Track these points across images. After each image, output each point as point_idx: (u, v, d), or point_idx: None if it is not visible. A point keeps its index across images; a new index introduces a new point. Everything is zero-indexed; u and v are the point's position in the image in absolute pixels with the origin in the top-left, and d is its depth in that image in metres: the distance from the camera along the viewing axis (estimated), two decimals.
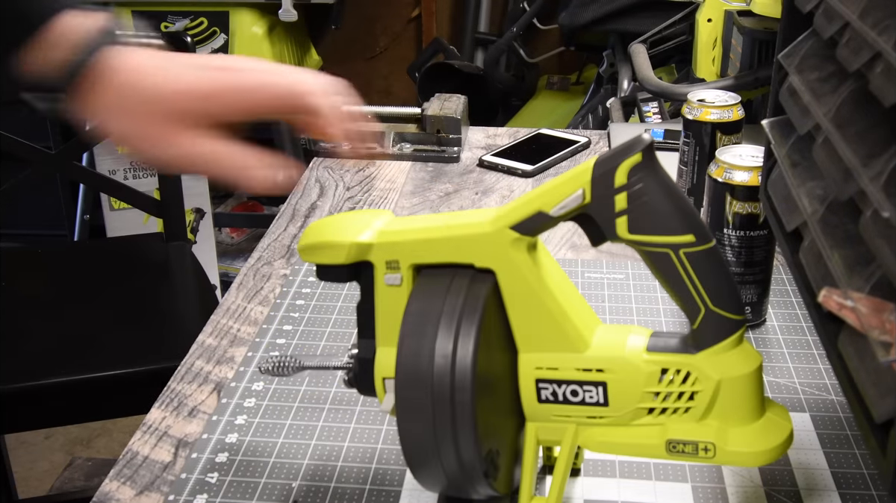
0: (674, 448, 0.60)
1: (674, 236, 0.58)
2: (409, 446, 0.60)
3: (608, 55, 2.27)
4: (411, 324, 0.60)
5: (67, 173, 1.64)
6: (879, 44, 0.46)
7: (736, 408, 0.59)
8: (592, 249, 1.02)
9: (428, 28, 3.10)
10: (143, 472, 0.71)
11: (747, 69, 1.37)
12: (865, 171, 0.46)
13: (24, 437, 2.11)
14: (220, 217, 2.65)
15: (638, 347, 0.61)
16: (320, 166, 1.28)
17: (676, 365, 0.59)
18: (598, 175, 0.58)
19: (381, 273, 0.63)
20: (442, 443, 0.59)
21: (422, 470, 0.61)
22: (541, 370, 0.61)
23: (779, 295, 0.93)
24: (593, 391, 0.61)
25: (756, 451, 0.59)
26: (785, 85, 0.65)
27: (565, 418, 0.62)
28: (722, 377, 0.59)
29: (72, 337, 1.37)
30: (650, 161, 0.58)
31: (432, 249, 0.62)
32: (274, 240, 1.07)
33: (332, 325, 0.89)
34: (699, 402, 0.59)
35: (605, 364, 0.60)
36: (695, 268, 0.58)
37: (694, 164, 0.99)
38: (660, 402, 0.60)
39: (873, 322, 0.45)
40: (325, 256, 0.63)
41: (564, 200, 0.59)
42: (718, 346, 0.59)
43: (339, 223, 0.65)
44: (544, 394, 0.62)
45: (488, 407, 0.60)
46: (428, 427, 0.59)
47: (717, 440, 0.59)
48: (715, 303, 0.58)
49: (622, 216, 0.58)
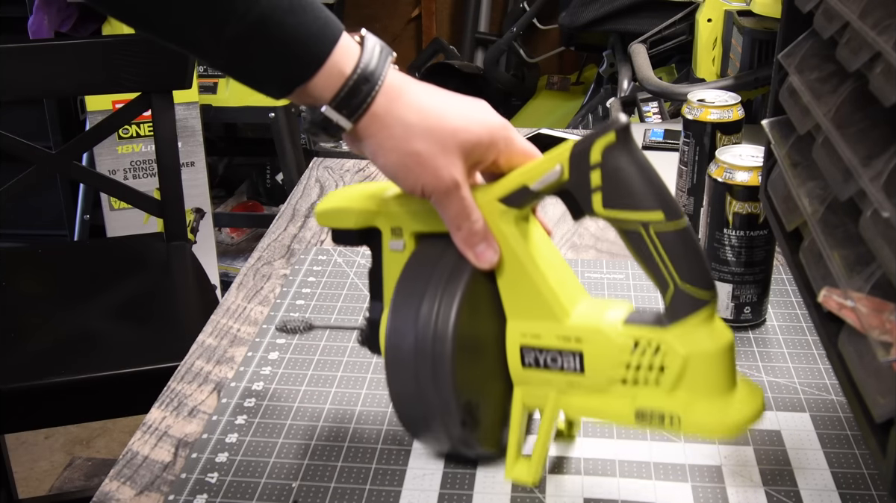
0: (642, 417, 0.63)
1: (644, 213, 0.60)
2: (396, 396, 0.66)
3: (608, 55, 2.27)
4: (403, 286, 0.65)
5: (67, 173, 1.63)
6: (879, 44, 0.46)
7: (704, 382, 0.62)
8: (592, 249, 1.03)
9: (428, 28, 3.11)
10: (143, 472, 0.71)
11: (747, 69, 1.37)
12: (865, 171, 0.47)
13: (24, 437, 2.11)
14: (220, 217, 2.65)
15: (615, 320, 0.64)
16: (320, 166, 1.28)
17: (648, 338, 0.62)
18: (576, 152, 0.62)
19: (386, 239, 0.68)
20: (424, 391, 0.64)
21: (407, 419, 0.67)
22: (525, 337, 0.65)
23: (779, 295, 0.93)
24: (571, 359, 0.64)
25: (720, 424, 0.61)
26: (785, 85, 0.65)
27: (546, 384, 0.66)
28: (690, 352, 0.61)
29: (72, 337, 1.37)
30: (624, 141, 0.61)
31: (431, 219, 0.66)
32: (274, 240, 1.07)
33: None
34: (668, 375, 0.62)
35: (582, 334, 0.64)
36: (664, 245, 0.60)
37: (694, 164, 0.99)
38: (632, 373, 0.63)
39: (873, 322, 0.45)
40: (338, 221, 0.69)
41: (544, 175, 0.63)
42: (687, 322, 0.61)
43: (356, 191, 0.70)
44: (527, 359, 0.66)
45: (471, 364, 0.65)
46: (411, 376, 0.64)
47: (682, 412, 0.62)
48: (683, 280, 0.60)
49: (597, 192, 0.61)
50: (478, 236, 0.65)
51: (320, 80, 0.62)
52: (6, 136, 1.49)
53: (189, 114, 2.27)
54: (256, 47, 0.61)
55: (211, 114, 2.40)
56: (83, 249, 1.90)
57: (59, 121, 2.41)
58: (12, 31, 2.44)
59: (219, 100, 2.42)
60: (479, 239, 0.65)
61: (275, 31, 0.60)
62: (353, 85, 0.62)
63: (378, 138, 0.63)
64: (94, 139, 1.66)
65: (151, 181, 2.27)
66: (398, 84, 0.64)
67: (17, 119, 1.88)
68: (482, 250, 0.65)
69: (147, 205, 1.62)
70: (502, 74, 2.91)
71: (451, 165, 0.63)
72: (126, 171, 2.28)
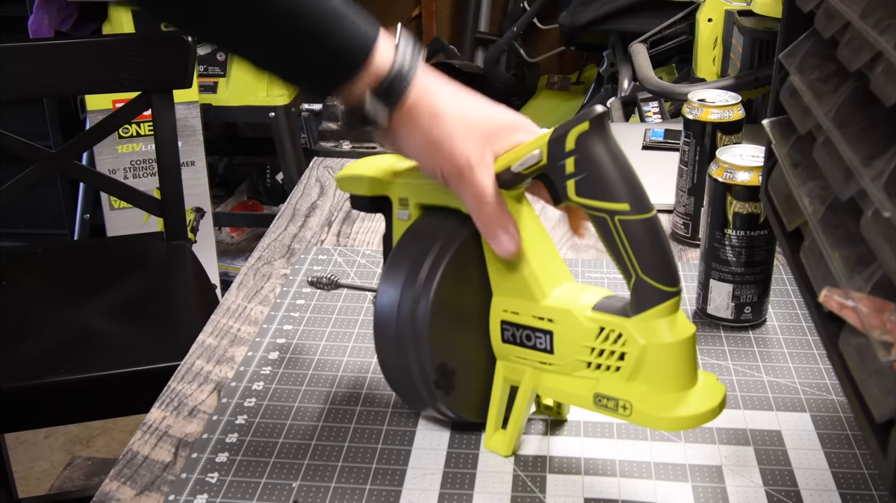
0: (599, 401, 0.65)
1: (611, 203, 0.63)
2: (380, 352, 0.71)
3: (608, 55, 2.27)
4: (396, 253, 0.70)
5: (67, 173, 1.63)
6: (880, 43, 0.46)
7: (662, 373, 0.63)
8: (592, 249, 1.03)
9: (428, 28, 3.10)
10: (144, 472, 0.71)
11: (748, 69, 1.37)
12: (866, 171, 0.46)
13: (24, 437, 2.11)
14: (220, 216, 2.65)
15: (586, 304, 0.66)
16: (320, 166, 1.28)
17: (612, 325, 0.64)
18: (554, 139, 0.64)
19: (395, 208, 0.72)
20: (403, 348, 0.68)
21: (389, 376, 0.71)
22: (506, 313, 0.69)
23: (779, 295, 0.93)
24: (542, 338, 0.68)
25: (668, 418, 0.63)
26: (785, 85, 0.65)
27: (522, 360, 0.69)
28: (648, 342, 0.63)
29: (72, 336, 1.37)
30: (599, 130, 0.63)
31: (431, 192, 0.70)
32: (274, 239, 1.07)
33: (333, 325, 0.89)
34: (627, 363, 0.64)
35: (553, 314, 0.67)
36: (627, 236, 0.63)
37: (694, 163, 0.99)
38: (595, 358, 0.65)
39: (874, 322, 0.45)
40: (353, 187, 0.74)
41: (524, 158, 0.65)
42: (648, 313, 0.63)
43: (374, 162, 0.75)
44: (506, 335, 0.69)
45: (450, 329, 0.69)
46: (393, 333, 0.68)
47: (636, 401, 0.64)
48: (644, 272, 0.63)
49: (571, 179, 0.64)
50: (494, 220, 0.66)
51: (361, 80, 0.66)
52: (6, 135, 1.49)
53: (189, 113, 2.27)
54: (310, 53, 0.66)
55: (211, 113, 2.40)
56: (83, 249, 1.90)
57: (59, 120, 2.41)
58: (12, 30, 2.44)
59: (219, 99, 2.42)
60: (496, 224, 0.66)
61: (325, 40, 0.65)
62: (389, 83, 0.66)
63: (407, 128, 0.67)
64: (94, 138, 1.66)
65: (151, 180, 2.27)
66: (427, 80, 0.68)
67: (17, 118, 1.88)
68: (500, 237, 0.66)
69: (147, 204, 1.62)
70: (502, 74, 2.91)
71: (466, 149, 0.66)
72: (126, 171, 2.28)
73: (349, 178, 0.75)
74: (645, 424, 0.65)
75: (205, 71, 2.41)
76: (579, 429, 0.74)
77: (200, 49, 2.43)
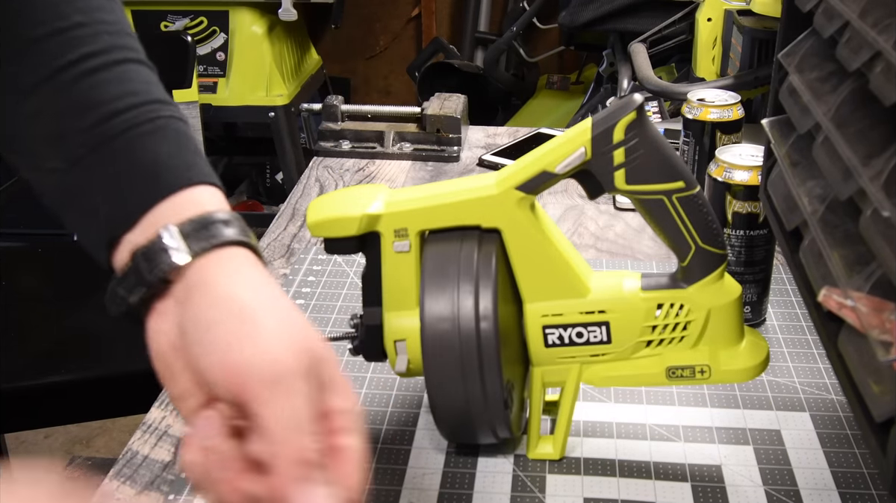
0: (673, 373, 0.68)
1: (667, 183, 0.65)
2: (436, 383, 0.66)
3: (608, 54, 2.27)
4: (432, 285, 0.66)
5: None
6: (879, 43, 0.46)
7: (723, 332, 0.67)
8: (592, 249, 1.03)
9: (428, 27, 3.11)
10: (143, 472, 0.71)
11: (747, 68, 1.37)
12: (865, 171, 0.46)
13: (24, 437, 2.11)
14: None
15: (634, 287, 0.68)
16: (320, 165, 1.28)
17: (670, 299, 0.67)
18: (598, 133, 0.64)
19: (389, 241, 0.68)
20: (469, 374, 0.65)
21: (445, 411, 0.67)
22: (547, 317, 0.68)
23: (779, 294, 0.93)
24: (597, 331, 0.68)
25: (744, 368, 0.67)
26: (785, 84, 0.65)
27: (570, 359, 0.69)
28: (712, 305, 0.67)
29: (72, 336, 1.37)
30: (643, 118, 0.64)
31: (441, 215, 0.67)
32: (274, 239, 1.07)
33: (333, 325, 0.89)
34: (692, 330, 0.67)
35: (606, 305, 0.67)
36: (686, 211, 0.65)
37: (694, 163, 0.99)
38: (657, 334, 0.68)
39: (873, 321, 0.45)
40: (337, 230, 0.68)
41: (567, 158, 0.65)
42: (707, 279, 0.67)
43: (342, 198, 0.70)
44: (551, 338, 0.68)
45: (504, 348, 0.66)
46: (456, 361, 0.65)
47: (710, 362, 0.67)
48: (704, 241, 0.66)
49: (620, 169, 0.65)
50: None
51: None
52: None
53: (189, 113, 2.27)
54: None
55: (211, 113, 2.40)
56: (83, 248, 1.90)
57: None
58: None
59: (219, 99, 2.42)
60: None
61: None
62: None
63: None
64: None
65: None
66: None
67: None
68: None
69: None
70: (502, 74, 2.91)
71: None
72: None
73: (328, 221, 0.67)
74: (724, 381, 0.68)
75: (205, 71, 2.41)
76: (579, 429, 0.74)
77: (200, 49, 2.43)
